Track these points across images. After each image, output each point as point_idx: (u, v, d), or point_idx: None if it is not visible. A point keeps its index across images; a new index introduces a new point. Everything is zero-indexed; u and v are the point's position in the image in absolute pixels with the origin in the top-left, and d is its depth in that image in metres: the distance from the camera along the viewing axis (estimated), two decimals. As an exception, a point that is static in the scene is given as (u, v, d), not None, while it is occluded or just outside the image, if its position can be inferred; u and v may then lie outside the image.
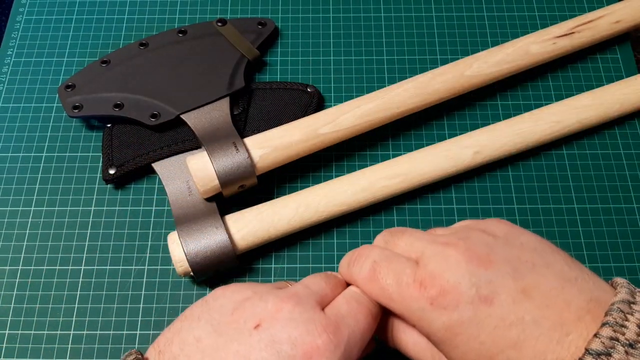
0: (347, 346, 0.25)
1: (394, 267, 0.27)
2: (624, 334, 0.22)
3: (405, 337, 0.29)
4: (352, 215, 0.41)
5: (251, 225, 0.37)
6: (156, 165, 0.41)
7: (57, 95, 0.46)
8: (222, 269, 0.37)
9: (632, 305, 0.23)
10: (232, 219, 0.38)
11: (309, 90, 0.44)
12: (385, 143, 0.44)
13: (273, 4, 0.50)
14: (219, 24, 0.46)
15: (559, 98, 0.45)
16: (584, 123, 0.42)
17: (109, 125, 0.43)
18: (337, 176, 0.41)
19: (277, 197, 0.39)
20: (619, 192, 0.42)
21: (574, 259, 0.26)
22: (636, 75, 0.44)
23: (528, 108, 0.44)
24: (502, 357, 0.24)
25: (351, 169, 0.42)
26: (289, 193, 0.40)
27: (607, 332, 0.22)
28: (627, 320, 0.22)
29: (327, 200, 0.38)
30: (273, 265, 0.40)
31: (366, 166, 0.40)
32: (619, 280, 0.25)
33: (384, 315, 0.29)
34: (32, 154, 0.43)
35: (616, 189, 0.42)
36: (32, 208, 0.41)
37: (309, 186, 0.40)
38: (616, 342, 0.22)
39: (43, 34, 0.48)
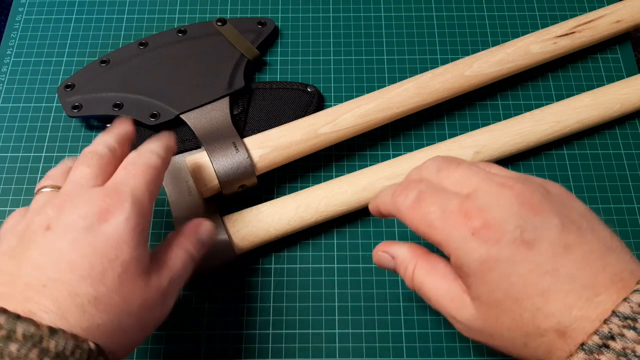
0: (134, 198, 0.27)
1: (440, 197, 0.27)
2: None
3: (427, 280, 0.29)
4: (352, 215, 0.40)
5: (251, 225, 0.37)
6: (156, 165, 0.41)
7: (56, 95, 0.46)
8: (221, 269, 0.37)
9: None
10: (232, 219, 0.38)
11: (309, 90, 0.44)
12: (385, 143, 0.44)
13: (273, 4, 0.50)
14: (219, 23, 0.46)
15: (560, 98, 0.45)
16: (585, 123, 0.42)
17: (108, 125, 0.43)
18: (337, 176, 0.41)
19: (277, 197, 0.39)
20: (620, 192, 0.42)
21: (617, 235, 0.26)
22: (637, 75, 0.44)
23: (528, 108, 0.44)
24: (528, 303, 0.24)
25: (351, 169, 0.42)
26: (289, 193, 0.40)
27: (637, 298, 0.22)
28: None
29: (327, 200, 0.38)
30: (273, 265, 0.40)
31: (366, 166, 0.40)
32: None
33: (408, 257, 0.30)
34: (32, 154, 0.43)
35: (617, 189, 0.42)
36: (32, 208, 0.41)
37: (309, 186, 0.40)
38: None
39: (42, 33, 0.48)
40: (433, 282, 0.28)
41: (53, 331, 0.23)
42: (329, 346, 0.37)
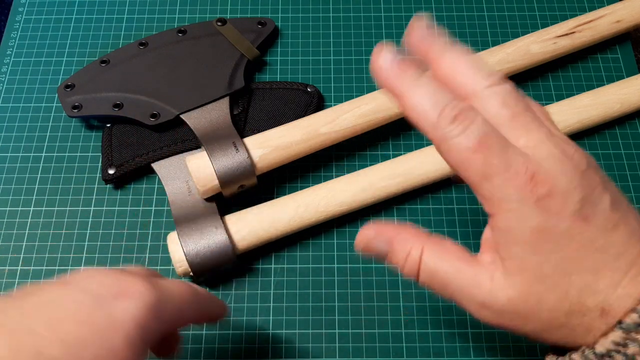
0: (158, 302, 0.25)
1: (507, 149, 0.23)
2: None
3: (444, 266, 0.25)
4: (352, 215, 0.40)
5: (251, 225, 0.37)
6: (156, 165, 0.41)
7: (56, 95, 0.46)
8: (221, 269, 0.37)
9: None
10: (232, 219, 0.38)
11: (309, 90, 0.44)
12: (385, 143, 0.44)
13: (273, 4, 0.50)
14: (219, 23, 0.46)
15: (559, 98, 0.45)
16: (585, 123, 0.42)
17: (108, 125, 0.43)
18: (337, 176, 0.41)
19: (277, 197, 0.39)
20: (620, 192, 0.42)
21: None
22: (637, 75, 0.44)
23: (528, 108, 0.44)
24: (577, 279, 0.23)
25: (351, 169, 0.42)
26: (289, 193, 0.40)
27: None
28: None
29: (327, 200, 0.38)
30: (273, 265, 0.40)
31: (366, 166, 0.40)
32: None
33: (410, 240, 0.26)
34: (32, 154, 0.43)
35: (617, 189, 0.42)
36: (32, 208, 0.41)
37: (309, 186, 0.40)
38: None
39: (42, 33, 0.48)
40: (452, 267, 0.25)
41: None
42: (329, 346, 0.37)
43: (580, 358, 0.23)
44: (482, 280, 0.24)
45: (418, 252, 0.26)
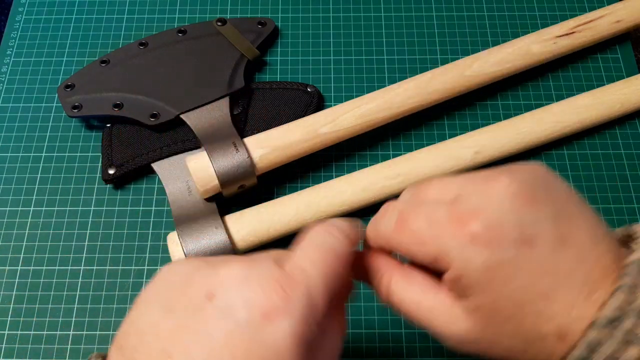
0: (307, 296, 0.22)
1: (424, 210, 0.24)
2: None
3: (408, 296, 0.26)
4: (352, 215, 0.40)
5: (251, 225, 0.37)
6: (156, 165, 0.41)
7: (56, 95, 0.46)
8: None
9: None
10: (232, 219, 0.38)
11: (309, 90, 0.44)
12: (385, 143, 0.44)
13: (273, 4, 0.50)
14: (219, 23, 0.46)
15: (560, 98, 0.45)
16: (585, 123, 0.42)
17: (108, 125, 0.43)
18: (337, 176, 0.41)
19: (277, 197, 0.39)
20: (620, 192, 0.42)
21: (599, 217, 0.25)
22: (637, 75, 0.44)
23: (528, 108, 0.44)
24: (530, 308, 0.22)
25: (351, 169, 0.42)
26: (289, 193, 0.40)
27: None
28: None
29: (327, 200, 0.38)
30: (273, 266, 0.40)
31: (366, 166, 0.40)
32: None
33: (382, 266, 0.27)
34: (32, 154, 0.43)
35: (617, 189, 0.42)
36: (32, 208, 0.41)
37: (309, 186, 0.40)
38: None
39: (42, 33, 0.48)
40: (414, 297, 0.25)
41: None
42: (329, 346, 0.37)
43: None
44: (442, 312, 0.25)
45: (387, 279, 0.26)
